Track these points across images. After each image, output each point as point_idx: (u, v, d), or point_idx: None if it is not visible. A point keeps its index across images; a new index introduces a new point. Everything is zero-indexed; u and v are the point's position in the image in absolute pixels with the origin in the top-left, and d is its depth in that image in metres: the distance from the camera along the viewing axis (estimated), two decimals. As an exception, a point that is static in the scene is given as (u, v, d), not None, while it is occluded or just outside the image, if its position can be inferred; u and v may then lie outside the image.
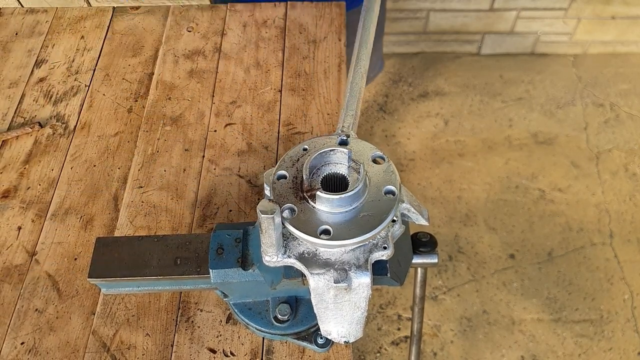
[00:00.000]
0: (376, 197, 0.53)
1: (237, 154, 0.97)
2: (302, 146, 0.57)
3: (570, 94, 2.40)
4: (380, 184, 0.54)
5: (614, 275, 1.95)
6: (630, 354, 1.80)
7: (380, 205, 0.52)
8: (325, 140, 0.57)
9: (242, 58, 1.10)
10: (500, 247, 2.02)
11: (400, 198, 0.55)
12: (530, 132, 2.29)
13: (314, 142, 0.57)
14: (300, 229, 0.50)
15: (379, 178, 0.55)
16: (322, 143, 0.57)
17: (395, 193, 0.54)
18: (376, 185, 0.54)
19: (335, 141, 0.57)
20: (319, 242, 0.49)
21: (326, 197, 0.50)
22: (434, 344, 1.83)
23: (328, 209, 0.51)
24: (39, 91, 1.07)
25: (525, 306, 1.90)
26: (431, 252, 0.73)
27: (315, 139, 0.58)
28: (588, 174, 2.17)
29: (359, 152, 0.56)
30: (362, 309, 0.52)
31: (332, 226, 0.50)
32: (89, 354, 0.77)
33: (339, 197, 0.50)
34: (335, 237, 0.49)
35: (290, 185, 0.53)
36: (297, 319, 0.74)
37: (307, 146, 0.57)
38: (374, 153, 0.57)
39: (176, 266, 0.68)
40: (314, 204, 0.51)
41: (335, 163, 0.55)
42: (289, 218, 0.50)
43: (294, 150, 0.56)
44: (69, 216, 0.91)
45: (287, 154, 0.56)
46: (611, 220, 2.06)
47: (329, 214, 0.51)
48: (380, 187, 0.54)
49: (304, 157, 0.56)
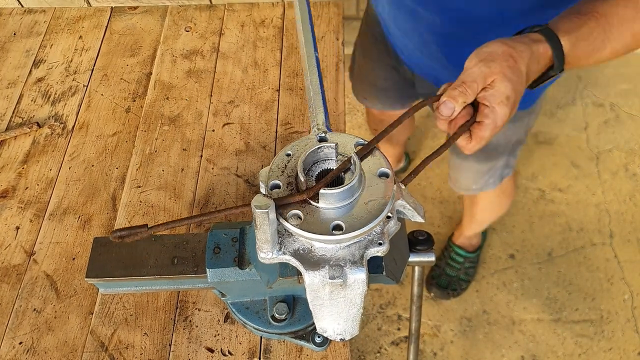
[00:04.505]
0: (373, 182, 0.54)
1: (235, 154, 0.97)
2: (285, 152, 0.56)
3: (570, 94, 2.39)
4: (372, 169, 0.55)
5: (614, 275, 1.94)
6: (630, 354, 1.79)
7: (379, 188, 0.53)
8: (305, 142, 0.57)
9: (240, 58, 1.10)
10: (500, 247, 2.01)
11: (396, 180, 0.55)
12: (530, 132, 2.29)
13: (296, 146, 0.57)
14: (312, 231, 0.50)
15: (369, 164, 0.55)
16: (304, 144, 0.57)
17: (389, 174, 0.54)
18: (369, 171, 0.54)
19: (314, 139, 0.57)
20: (333, 238, 0.49)
21: (331, 192, 0.50)
22: (433, 344, 1.83)
23: (333, 204, 0.51)
24: (37, 91, 1.07)
25: (525, 306, 1.89)
26: (428, 251, 0.73)
27: (295, 143, 0.57)
28: (588, 174, 2.17)
29: (343, 144, 0.57)
30: (357, 306, 0.52)
31: (343, 220, 0.50)
32: (87, 353, 0.77)
33: (344, 189, 0.50)
34: (348, 229, 0.50)
35: (287, 193, 0.53)
36: (294, 318, 0.74)
37: (290, 151, 0.56)
38: (357, 141, 0.57)
39: (173, 266, 0.68)
40: (317, 203, 0.51)
41: (324, 160, 0.55)
42: (298, 224, 0.50)
43: (278, 158, 0.56)
44: (67, 216, 0.91)
45: (274, 163, 0.55)
46: (611, 220, 2.06)
47: (335, 209, 0.51)
48: (373, 171, 0.54)
49: (292, 161, 0.55)
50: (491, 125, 0.64)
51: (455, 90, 0.63)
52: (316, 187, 0.51)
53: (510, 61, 0.65)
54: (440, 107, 0.64)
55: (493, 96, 0.63)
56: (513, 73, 0.65)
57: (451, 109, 0.64)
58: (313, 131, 0.59)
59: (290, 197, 0.51)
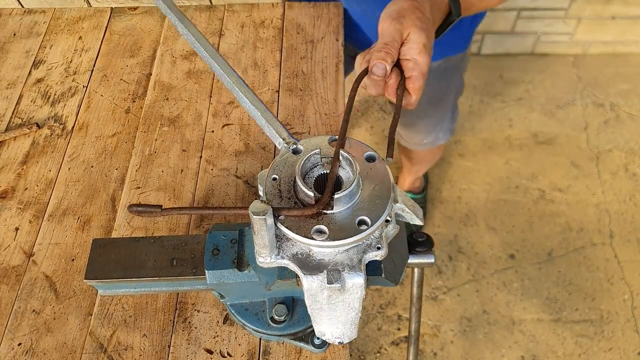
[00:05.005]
0: (366, 168, 0.56)
1: (235, 155, 0.97)
2: (271, 177, 0.55)
3: (571, 94, 2.39)
4: (358, 158, 0.56)
5: (614, 275, 1.94)
6: (630, 354, 1.79)
7: (376, 172, 0.55)
8: (283, 159, 0.56)
9: (240, 58, 1.10)
10: (500, 247, 2.01)
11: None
12: (531, 132, 2.29)
13: (278, 167, 0.56)
14: (342, 237, 0.49)
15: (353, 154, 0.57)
16: (284, 162, 0.56)
17: (375, 156, 0.57)
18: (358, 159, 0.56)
19: (290, 154, 0.57)
20: (364, 234, 0.50)
21: (345, 193, 0.50)
22: (433, 344, 1.83)
23: (347, 204, 0.51)
24: (36, 92, 1.07)
25: (525, 306, 1.89)
26: (428, 252, 0.72)
27: (273, 165, 0.56)
28: (588, 174, 2.17)
29: (316, 146, 0.57)
30: (356, 310, 0.52)
31: (363, 214, 0.51)
32: (86, 354, 0.77)
33: (353, 185, 0.51)
34: (374, 219, 0.51)
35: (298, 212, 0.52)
36: (293, 319, 0.74)
37: (276, 175, 0.55)
38: (330, 138, 0.58)
39: (172, 267, 0.68)
40: (333, 210, 0.51)
41: (311, 168, 0.56)
42: (323, 239, 0.50)
43: (267, 186, 0.54)
44: (66, 217, 0.91)
45: (267, 193, 0.54)
46: (611, 220, 2.06)
47: (350, 207, 0.52)
48: (360, 159, 0.56)
49: (283, 184, 0.54)
50: (419, 75, 0.71)
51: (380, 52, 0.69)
52: (327, 194, 0.50)
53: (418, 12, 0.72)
54: (374, 69, 0.69)
55: (411, 49, 0.70)
56: (423, 22, 0.72)
57: (384, 69, 0.69)
58: (282, 148, 0.58)
59: (307, 210, 0.50)
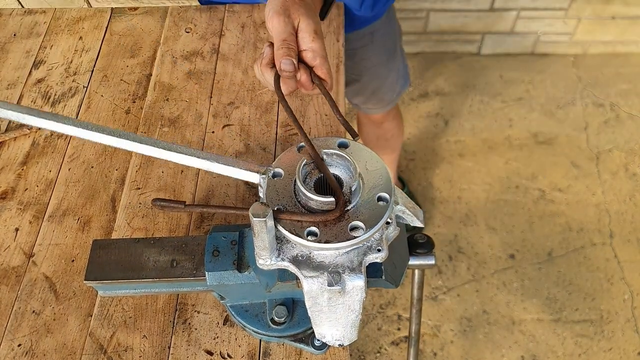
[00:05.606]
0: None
1: (235, 155, 0.97)
2: (262, 201, 0.56)
3: (571, 94, 2.39)
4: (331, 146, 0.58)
5: (614, 275, 1.94)
6: (630, 354, 1.79)
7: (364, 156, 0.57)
8: (272, 189, 0.57)
9: (241, 59, 1.10)
10: (500, 247, 2.01)
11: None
12: (531, 132, 2.29)
13: (271, 197, 0.56)
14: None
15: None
16: (275, 191, 0.56)
17: (346, 143, 0.58)
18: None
19: (270, 180, 0.58)
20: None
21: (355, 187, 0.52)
22: (433, 344, 1.83)
23: (355, 200, 0.53)
24: (37, 92, 1.07)
25: (525, 306, 1.89)
26: (428, 254, 0.72)
27: (267, 197, 0.56)
28: (588, 174, 2.17)
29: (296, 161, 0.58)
30: (356, 312, 0.52)
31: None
32: (86, 355, 0.77)
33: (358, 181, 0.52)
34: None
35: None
36: (294, 321, 0.74)
37: (265, 202, 0.55)
38: (297, 146, 0.60)
39: (172, 268, 0.68)
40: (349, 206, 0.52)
41: (310, 173, 0.57)
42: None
43: (262, 200, 0.55)
44: (66, 218, 0.91)
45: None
46: (611, 220, 2.06)
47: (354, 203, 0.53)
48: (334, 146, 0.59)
49: (283, 199, 0.55)
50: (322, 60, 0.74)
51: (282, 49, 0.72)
52: (340, 194, 0.51)
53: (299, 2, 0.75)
54: (282, 67, 0.72)
55: (304, 38, 0.73)
56: (307, 9, 0.75)
57: (291, 64, 0.72)
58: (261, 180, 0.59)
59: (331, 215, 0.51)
